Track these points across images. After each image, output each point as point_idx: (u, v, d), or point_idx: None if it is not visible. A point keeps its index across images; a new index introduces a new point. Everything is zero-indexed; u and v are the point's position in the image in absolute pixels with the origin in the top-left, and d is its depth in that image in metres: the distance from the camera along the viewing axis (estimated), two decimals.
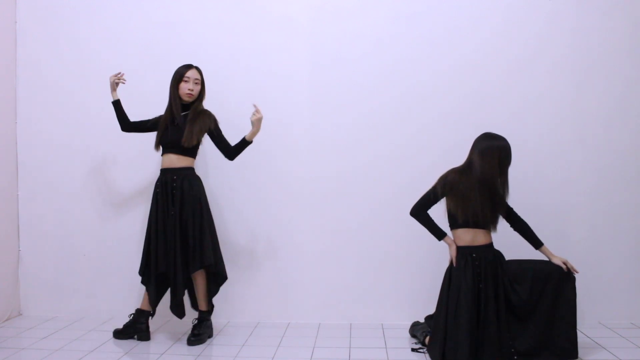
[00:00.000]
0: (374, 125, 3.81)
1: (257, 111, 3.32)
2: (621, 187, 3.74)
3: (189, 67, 3.40)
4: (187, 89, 3.35)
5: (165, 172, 3.37)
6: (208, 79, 3.80)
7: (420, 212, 3.13)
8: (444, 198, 3.09)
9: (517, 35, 3.75)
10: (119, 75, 3.45)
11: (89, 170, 3.96)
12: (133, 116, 3.93)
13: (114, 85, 3.46)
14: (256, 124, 3.33)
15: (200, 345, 3.34)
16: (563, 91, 3.75)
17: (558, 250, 3.73)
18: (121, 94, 3.92)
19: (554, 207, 3.74)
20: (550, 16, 3.75)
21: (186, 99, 3.39)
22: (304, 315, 3.82)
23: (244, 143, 3.39)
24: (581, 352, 3.14)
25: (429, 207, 3.13)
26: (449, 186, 3.03)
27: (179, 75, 3.37)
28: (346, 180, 3.82)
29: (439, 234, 3.12)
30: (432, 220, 3.13)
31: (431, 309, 3.67)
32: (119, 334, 3.46)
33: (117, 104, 3.48)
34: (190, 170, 3.41)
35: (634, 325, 3.64)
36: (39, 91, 4.00)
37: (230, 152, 3.42)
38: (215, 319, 3.79)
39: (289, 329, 3.66)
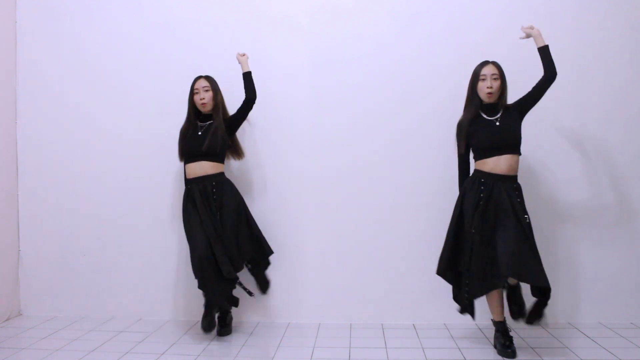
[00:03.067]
0: (373, 125, 3.81)
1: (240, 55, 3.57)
2: (621, 187, 3.73)
3: (196, 79, 3.50)
4: (199, 99, 3.46)
5: (199, 180, 3.42)
6: None
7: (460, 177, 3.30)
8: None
9: (517, 35, 3.75)
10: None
11: (88, 170, 3.96)
12: (131, 116, 3.95)
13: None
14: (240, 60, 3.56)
15: (201, 345, 3.33)
16: (563, 90, 3.74)
17: (558, 250, 3.75)
18: (120, 94, 3.94)
19: (554, 207, 3.74)
20: (550, 16, 3.75)
21: (201, 109, 3.48)
22: (304, 315, 3.82)
23: (246, 76, 3.54)
24: (582, 352, 3.15)
25: (464, 166, 3.27)
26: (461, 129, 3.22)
27: (191, 89, 3.49)
28: (346, 181, 3.82)
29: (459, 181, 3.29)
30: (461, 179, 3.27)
31: (431, 309, 3.68)
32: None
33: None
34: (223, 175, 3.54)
35: (634, 325, 3.64)
36: (38, 91, 4.00)
37: (246, 98, 3.53)
38: (215, 318, 3.79)
39: (289, 329, 3.66)
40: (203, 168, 3.43)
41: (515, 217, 3.02)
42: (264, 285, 3.63)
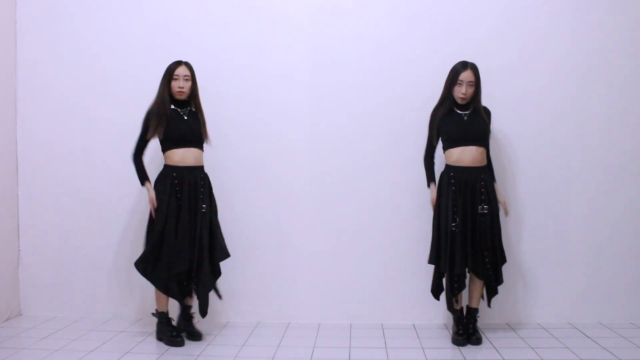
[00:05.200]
0: (373, 125, 3.81)
1: None
2: (621, 187, 3.74)
3: (178, 64, 3.37)
4: (177, 87, 3.35)
5: (190, 169, 3.34)
6: (208, 79, 3.81)
7: (426, 160, 3.49)
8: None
9: (517, 35, 3.75)
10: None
11: (88, 170, 3.96)
12: (131, 116, 3.92)
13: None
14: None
15: (201, 345, 3.33)
16: (563, 90, 3.75)
17: (558, 250, 3.75)
18: (120, 94, 3.93)
19: (554, 207, 3.74)
20: (550, 16, 3.75)
21: (177, 97, 3.38)
22: (304, 315, 3.82)
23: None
24: (582, 352, 3.15)
25: (431, 155, 3.49)
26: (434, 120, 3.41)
27: (169, 73, 3.36)
28: (346, 180, 3.82)
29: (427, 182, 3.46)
30: (431, 170, 3.47)
31: (431, 309, 3.68)
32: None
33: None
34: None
35: (634, 325, 3.64)
36: (38, 91, 4.00)
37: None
38: (215, 318, 3.80)
39: (289, 329, 3.66)
40: (195, 156, 3.36)
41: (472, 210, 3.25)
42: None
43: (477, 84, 3.29)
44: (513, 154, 3.74)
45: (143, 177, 3.41)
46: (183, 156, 3.34)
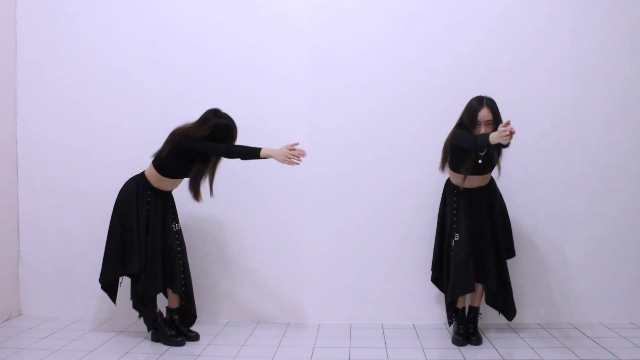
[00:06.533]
0: (373, 126, 3.81)
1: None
2: (621, 187, 3.74)
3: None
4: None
5: (166, 193, 3.45)
6: (208, 79, 3.82)
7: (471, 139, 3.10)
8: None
9: (517, 35, 3.75)
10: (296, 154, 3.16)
11: (88, 171, 3.96)
12: (132, 116, 3.94)
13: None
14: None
15: (201, 345, 3.34)
16: (563, 91, 3.75)
17: (558, 250, 3.75)
18: (120, 94, 3.94)
19: (554, 207, 3.74)
20: (550, 16, 3.75)
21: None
22: (304, 315, 3.82)
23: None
24: (582, 352, 3.15)
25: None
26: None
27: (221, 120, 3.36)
28: (346, 181, 3.82)
29: (485, 141, 2.94)
30: (475, 136, 3.08)
31: (431, 309, 3.68)
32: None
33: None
34: None
35: (634, 325, 3.64)
36: (38, 91, 4.00)
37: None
38: (216, 318, 3.80)
39: (289, 329, 3.66)
40: (175, 185, 3.48)
41: (480, 224, 3.31)
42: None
43: (495, 122, 3.09)
44: (513, 154, 3.73)
45: (253, 149, 3.17)
46: (169, 185, 3.43)
